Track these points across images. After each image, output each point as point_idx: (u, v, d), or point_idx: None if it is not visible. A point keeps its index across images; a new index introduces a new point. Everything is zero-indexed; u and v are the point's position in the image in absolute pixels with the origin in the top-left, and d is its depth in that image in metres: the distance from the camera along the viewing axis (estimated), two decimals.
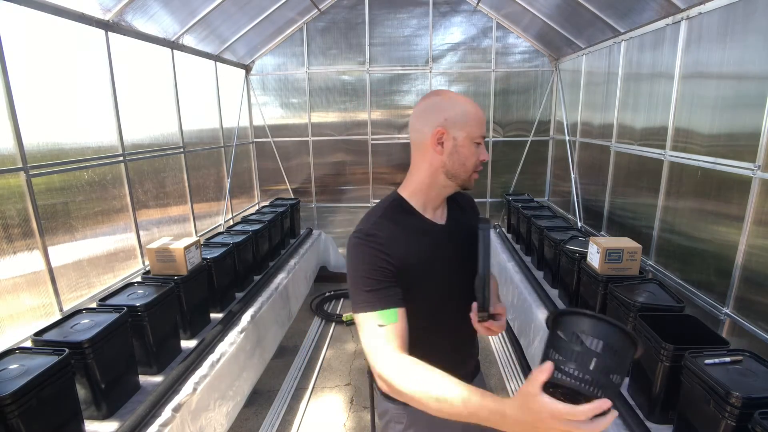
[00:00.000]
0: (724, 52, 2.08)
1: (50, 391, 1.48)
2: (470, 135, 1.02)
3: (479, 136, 1.04)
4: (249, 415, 2.72)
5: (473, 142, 1.03)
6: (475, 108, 1.05)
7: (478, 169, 1.07)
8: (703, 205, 2.24)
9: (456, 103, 1.03)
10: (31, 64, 2.05)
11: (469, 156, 1.04)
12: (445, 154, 1.03)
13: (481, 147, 1.06)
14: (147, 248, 2.48)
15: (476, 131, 1.03)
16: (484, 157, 1.06)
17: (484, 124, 1.06)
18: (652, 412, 1.71)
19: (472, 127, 1.02)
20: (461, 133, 1.02)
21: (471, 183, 1.08)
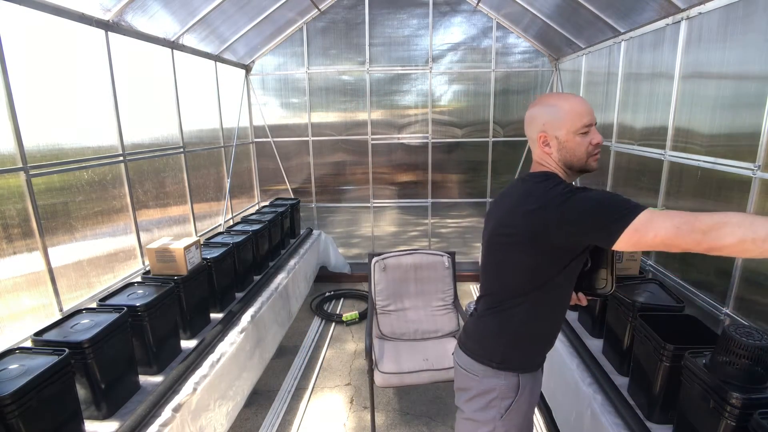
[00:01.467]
0: (724, 52, 2.08)
1: (50, 391, 1.48)
2: (570, 130, 1.16)
3: (581, 126, 1.15)
4: (249, 415, 2.72)
5: (577, 134, 1.16)
6: (571, 103, 1.16)
7: (593, 153, 1.18)
8: (703, 205, 2.24)
9: (550, 107, 1.18)
10: (31, 64, 2.05)
11: (576, 147, 1.17)
12: (554, 152, 1.20)
13: (591, 132, 1.16)
14: (147, 248, 2.48)
15: (576, 125, 1.15)
16: (596, 141, 1.16)
17: (585, 114, 1.15)
18: (652, 412, 1.71)
19: (569, 122, 1.15)
20: (561, 131, 1.17)
21: (591, 166, 1.19)
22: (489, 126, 4.74)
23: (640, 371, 1.79)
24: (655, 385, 1.68)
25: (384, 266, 2.77)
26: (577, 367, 2.11)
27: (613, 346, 2.11)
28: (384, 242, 5.09)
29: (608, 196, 1.05)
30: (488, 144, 4.80)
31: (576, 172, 1.22)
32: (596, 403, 1.85)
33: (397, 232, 5.08)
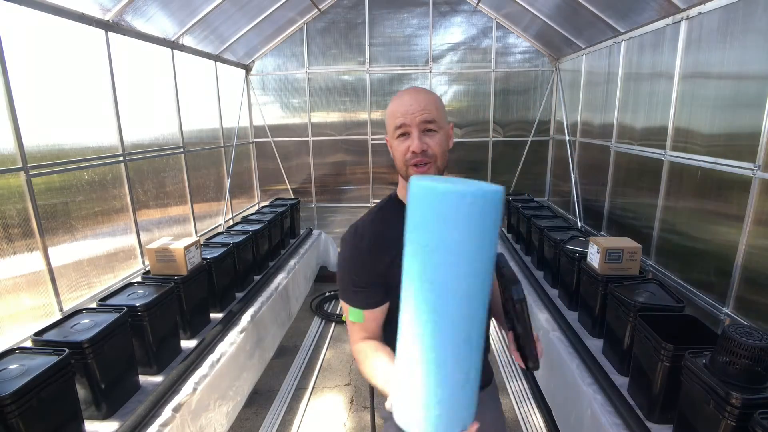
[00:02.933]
0: (724, 52, 2.08)
1: (50, 391, 1.48)
2: (389, 133, 1.04)
3: (394, 129, 1.00)
4: (249, 415, 2.72)
5: (394, 137, 1.01)
6: (394, 104, 1.01)
7: (410, 163, 0.99)
8: (703, 205, 2.24)
9: (388, 107, 1.05)
10: (31, 64, 2.05)
11: (395, 152, 1.03)
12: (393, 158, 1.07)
13: (410, 137, 0.98)
14: (147, 248, 2.48)
15: (391, 127, 1.01)
16: (413, 147, 0.97)
17: (398, 115, 0.98)
18: (652, 412, 1.71)
19: (389, 126, 1.03)
20: (389, 133, 1.05)
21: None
22: (489, 126, 4.74)
23: (640, 371, 1.79)
24: (655, 385, 1.68)
25: None
26: (577, 367, 2.10)
27: (613, 346, 2.11)
28: None
29: (338, 267, 1.08)
30: (488, 144, 4.80)
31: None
32: (596, 403, 1.85)
33: None
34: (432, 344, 0.69)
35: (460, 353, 0.70)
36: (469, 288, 0.68)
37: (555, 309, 2.67)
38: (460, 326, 0.69)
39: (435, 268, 0.68)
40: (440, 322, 0.68)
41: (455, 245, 0.66)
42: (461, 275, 0.67)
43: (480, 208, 0.65)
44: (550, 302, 2.77)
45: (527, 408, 2.72)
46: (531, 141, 4.77)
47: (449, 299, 0.68)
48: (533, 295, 2.96)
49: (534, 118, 4.72)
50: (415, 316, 0.71)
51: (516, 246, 4.04)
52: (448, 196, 0.65)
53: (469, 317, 0.69)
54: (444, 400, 0.71)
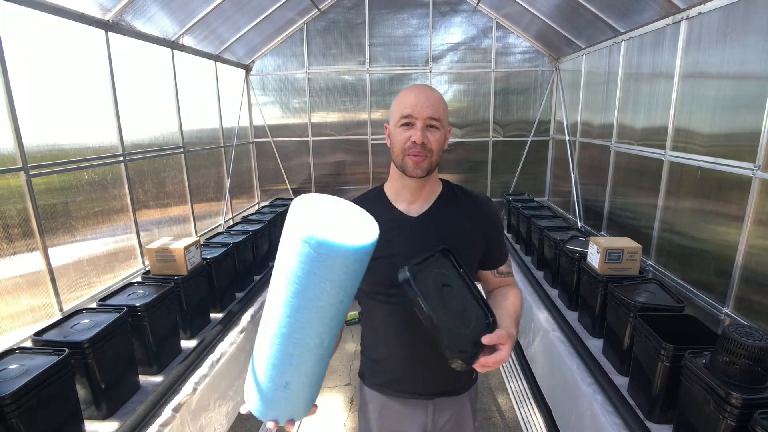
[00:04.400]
0: (724, 52, 2.08)
1: (50, 391, 1.48)
2: (393, 120, 1.05)
3: (400, 117, 1.02)
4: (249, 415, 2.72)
5: (398, 125, 1.03)
6: (405, 92, 1.04)
7: (410, 152, 1.01)
8: (703, 205, 2.24)
9: (397, 97, 1.06)
10: (31, 64, 2.05)
11: (395, 140, 1.05)
12: (390, 146, 1.08)
13: (413, 128, 1.01)
14: (147, 248, 2.48)
15: (397, 115, 1.03)
16: (414, 138, 1.00)
17: (408, 106, 1.01)
18: (652, 412, 1.71)
19: (395, 113, 1.04)
20: (391, 122, 1.07)
21: (408, 168, 1.03)
22: (489, 126, 4.74)
23: (640, 371, 1.79)
24: (655, 385, 1.68)
25: None
26: (577, 367, 2.10)
27: (613, 346, 2.11)
28: None
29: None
30: (488, 144, 4.80)
31: (403, 174, 1.06)
32: (596, 403, 1.85)
33: None
34: (264, 345, 0.81)
35: (284, 363, 0.80)
36: (301, 315, 0.76)
37: (555, 309, 2.67)
38: (288, 342, 0.78)
39: (280, 285, 0.76)
40: (275, 334, 0.78)
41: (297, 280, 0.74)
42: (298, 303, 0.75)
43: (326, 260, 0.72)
44: (550, 302, 2.77)
45: (527, 408, 2.71)
46: (531, 141, 4.78)
47: (285, 318, 0.77)
48: (533, 295, 2.96)
49: (534, 118, 4.72)
50: (273, 324, 0.80)
51: (516, 246, 4.04)
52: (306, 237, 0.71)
53: (296, 340, 0.78)
54: (263, 390, 0.83)
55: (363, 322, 1.22)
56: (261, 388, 0.84)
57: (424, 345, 1.07)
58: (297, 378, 0.82)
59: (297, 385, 0.83)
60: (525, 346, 2.98)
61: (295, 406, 0.86)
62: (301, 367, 0.81)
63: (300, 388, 0.84)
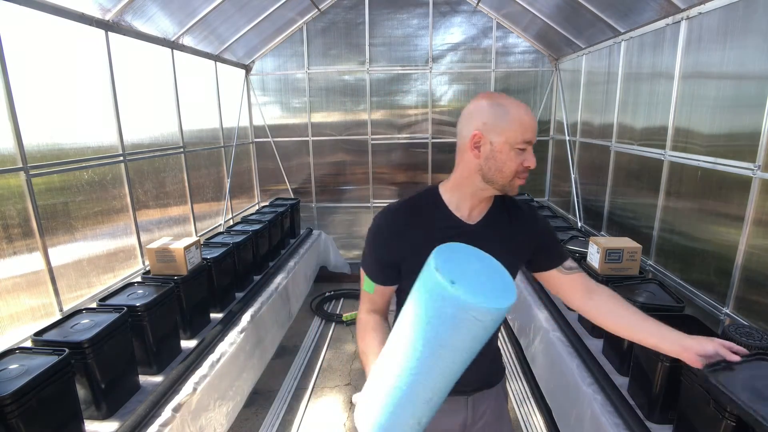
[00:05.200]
0: (724, 52, 2.08)
1: (50, 391, 1.48)
2: (509, 140, 0.99)
3: (521, 141, 1.00)
4: (249, 415, 2.72)
5: (513, 147, 1.00)
6: (521, 112, 1.00)
7: (521, 175, 1.03)
8: (703, 205, 2.24)
9: (498, 107, 1.01)
10: (31, 64, 2.05)
11: (507, 161, 1.01)
12: (482, 158, 1.02)
13: (526, 153, 1.02)
14: (147, 248, 2.48)
15: (517, 137, 0.99)
16: (528, 164, 1.02)
17: (530, 130, 1.00)
18: (652, 412, 1.71)
19: (512, 132, 0.99)
20: (499, 138, 1.00)
21: (513, 189, 1.06)
22: None
23: (640, 371, 1.79)
24: (655, 385, 1.68)
25: None
26: (577, 367, 2.10)
27: (613, 346, 2.11)
28: None
29: (366, 241, 1.16)
30: None
31: (492, 190, 1.07)
32: (596, 403, 1.85)
33: None
34: (401, 391, 0.82)
35: (418, 406, 0.83)
36: (444, 370, 0.80)
37: (555, 309, 2.67)
38: (427, 389, 0.82)
39: (424, 346, 0.78)
40: (413, 382, 0.81)
41: (445, 340, 0.76)
42: (443, 361, 0.79)
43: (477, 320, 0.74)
44: (550, 302, 2.77)
45: (527, 408, 2.72)
46: None
47: (427, 372, 0.80)
48: (533, 295, 2.96)
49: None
50: (398, 362, 0.83)
51: None
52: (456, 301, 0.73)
53: (435, 386, 0.82)
54: (392, 429, 0.85)
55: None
56: (392, 425, 0.85)
57: None
58: (429, 416, 0.87)
59: (427, 421, 0.88)
60: (525, 346, 2.98)
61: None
62: (435, 407, 0.87)
63: (428, 423, 0.89)
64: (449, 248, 0.84)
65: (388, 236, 1.09)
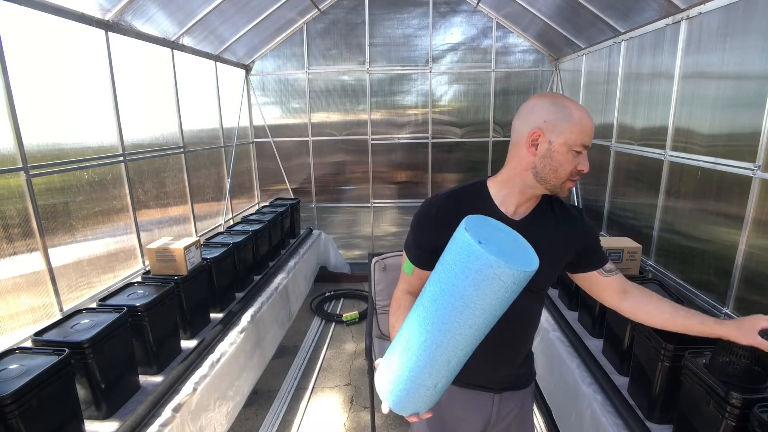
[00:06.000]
0: (724, 52, 2.08)
1: (50, 391, 1.48)
2: (568, 142, 1.00)
3: (580, 145, 1.00)
4: (249, 415, 2.72)
5: (571, 149, 1.00)
6: (582, 115, 1.01)
7: (573, 178, 1.04)
8: (703, 205, 2.24)
9: (560, 108, 1.01)
10: (31, 64, 2.05)
11: (564, 163, 1.01)
12: (537, 156, 1.02)
13: (582, 156, 1.02)
14: (147, 248, 2.48)
15: (577, 139, 1.00)
16: (582, 168, 1.02)
17: (589, 134, 1.01)
18: (652, 412, 1.71)
19: (572, 134, 0.99)
20: (558, 138, 1.00)
21: (563, 191, 1.07)
22: (489, 126, 4.74)
23: (640, 371, 1.79)
24: (655, 385, 1.68)
25: (384, 266, 2.76)
26: (577, 367, 2.11)
27: (613, 346, 2.11)
28: (384, 242, 5.09)
29: (411, 226, 1.18)
30: (488, 144, 4.80)
31: (543, 189, 1.07)
32: (596, 403, 1.85)
33: (398, 232, 5.08)
34: (421, 350, 0.86)
35: (436, 368, 0.86)
36: (464, 330, 0.82)
37: (555, 309, 2.67)
38: (446, 350, 0.84)
39: (447, 301, 0.82)
40: (433, 340, 0.84)
41: (468, 296, 0.79)
42: (463, 318, 0.81)
43: (499, 278, 0.77)
44: (551, 302, 2.77)
45: None
46: None
47: (447, 329, 0.82)
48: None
49: None
50: (420, 320, 0.86)
51: None
52: (480, 256, 0.77)
53: (455, 347, 0.84)
54: (410, 390, 0.89)
55: None
56: (409, 386, 0.89)
57: (506, 347, 1.18)
58: (446, 380, 0.89)
59: (443, 386, 0.90)
60: None
61: (433, 402, 0.93)
62: (453, 372, 0.89)
63: (444, 388, 0.91)
64: (479, 218, 0.88)
65: (432, 224, 1.10)
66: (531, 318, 1.18)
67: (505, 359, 1.20)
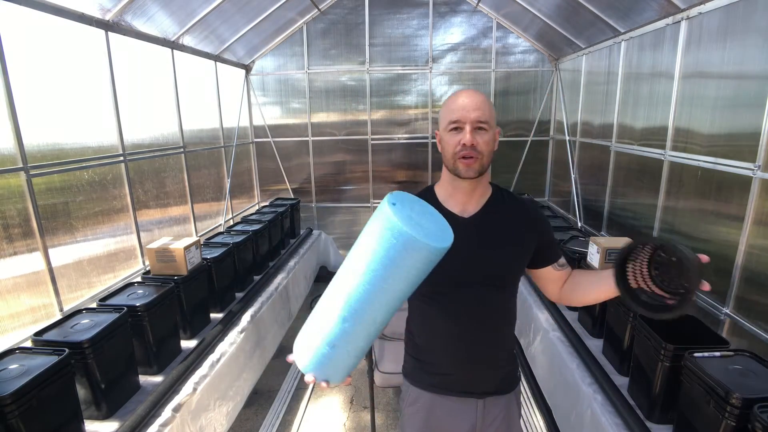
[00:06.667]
0: (724, 52, 2.08)
1: (50, 391, 1.48)
2: (442, 125, 1.09)
3: (449, 122, 1.06)
4: (249, 415, 2.72)
5: (447, 130, 1.08)
6: (453, 98, 1.08)
7: (460, 154, 1.06)
8: (703, 205, 2.24)
9: (444, 104, 1.11)
10: (31, 64, 2.05)
11: (445, 145, 1.09)
12: (441, 151, 1.13)
13: (462, 132, 1.06)
14: (147, 248, 2.48)
15: (446, 117, 1.07)
16: (464, 141, 1.05)
17: (456, 110, 1.05)
18: (652, 412, 1.71)
19: (444, 118, 1.09)
20: (441, 128, 1.11)
21: (460, 170, 1.08)
22: None
23: (640, 371, 1.79)
24: (655, 385, 1.68)
25: None
26: (577, 367, 2.10)
27: (613, 346, 2.11)
28: None
29: None
30: None
31: (456, 176, 1.10)
32: (596, 403, 1.85)
33: None
34: (327, 309, 0.88)
35: (338, 327, 0.87)
36: (367, 291, 0.83)
37: (555, 309, 2.67)
38: (348, 310, 0.85)
39: (360, 261, 0.84)
40: (340, 299, 0.86)
41: (376, 262, 0.81)
42: (369, 280, 0.82)
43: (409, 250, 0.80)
44: (550, 302, 2.77)
45: (527, 408, 2.71)
46: (531, 141, 4.77)
47: (353, 289, 0.84)
48: (533, 295, 2.96)
49: (534, 118, 4.72)
50: (337, 290, 0.88)
51: None
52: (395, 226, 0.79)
53: (354, 310, 0.85)
54: (324, 356, 0.90)
55: (411, 324, 1.26)
56: (310, 342, 0.91)
57: (478, 345, 1.15)
58: (343, 344, 0.88)
59: (341, 350, 0.89)
60: (525, 346, 2.98)
61: (333, 369, 0.93)
62: (351, 336, 0.88)
63: (343, 354, 0.90)
64: (406, 195, 0.90)
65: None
66: (494, 313, 1.15)
67: (480, 359, 1.17)
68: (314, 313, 0.93)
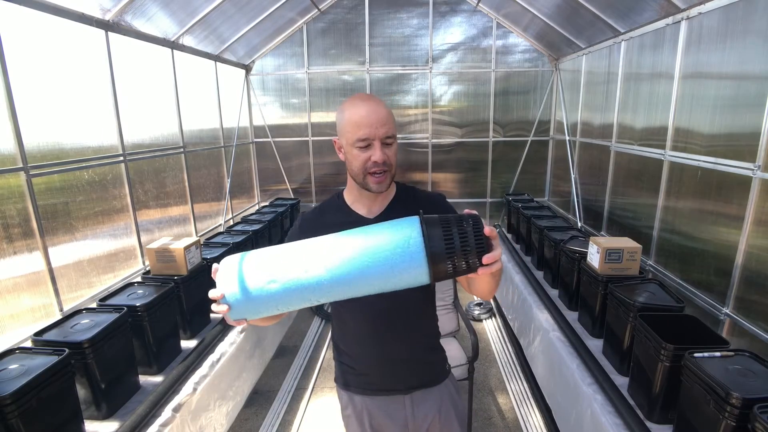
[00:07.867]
0: (724, 52, 2.08)
1: (50, 391, 1.48)
2: (348, 140, 1.05)
3: (357, 139, 1.03)
4: (249, 415, 2.72)
5: (354, 146, 1.04)
6: (353, 112, 1.04)
7: (370, 171, 1.05)
8: (703, 205, 2.24)
9: (340, 111, 1.08)
10: (31, 64, 2.05)
11: (353, 160, 1.06)
12: (345, 160, 1.11)
13: (372, 148, 1.03)
14: (147, 248, 2.48)
15: (352, 135, 1.03)
16: (375, 158, 1.03)
17: (363, 126, 1.02)
18: (652, 412, 1.71)
19: (348, 132, 1.04)
20: (343, 139, 1.08)
21: (370, 185, 1.07)
22: (489, 126, 4.74)
23: (640, 371, 1.79)
24: (655, 385, 1.68)
25: None
26: (577, 367, 2.11)
27: (613, 346, 2.11)
28: None
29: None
30: (488, 144, 4.80)
31: (364, 189, 1.10)
32: (596, 403, 1.85)
33: None
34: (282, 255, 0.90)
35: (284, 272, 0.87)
36: (356, 283, 0.85)
37: (555, 309, 2.67)
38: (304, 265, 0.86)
39: (355, 245, 0.86)
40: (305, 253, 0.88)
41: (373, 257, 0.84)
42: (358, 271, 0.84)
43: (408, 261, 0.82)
44: (550, 302, 2.77)
45: (527, 408, 2.71)
46: (531, 141, 4.77)
47: (326, 258, 0.86)
48: (533, 296, 2.96)
49: (534, 118, 4.72)
50: (315, 252, 0.88)
51: (516, 246, 4.04)
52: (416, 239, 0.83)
53: (330, 293, 0.87)
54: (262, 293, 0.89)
55: (335, 328, 1.27)
56: (254, 276, 0.91)
57: (394, 340, 1.16)
58: (282, 284, 0.87)
59: (277, 290, 0.88)
60: (525, 346, 2.98)
61: (257, 306, 0.92)
62: (292, 282, 0.87)
63: (278, 302, 0.89)
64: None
65: (296, 236, 1.12)
66: (403, 310, 1.15)
67: (395, 355, 1.18)
68: (270, 255, 0.92)
